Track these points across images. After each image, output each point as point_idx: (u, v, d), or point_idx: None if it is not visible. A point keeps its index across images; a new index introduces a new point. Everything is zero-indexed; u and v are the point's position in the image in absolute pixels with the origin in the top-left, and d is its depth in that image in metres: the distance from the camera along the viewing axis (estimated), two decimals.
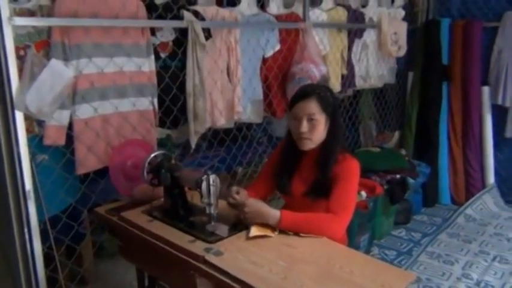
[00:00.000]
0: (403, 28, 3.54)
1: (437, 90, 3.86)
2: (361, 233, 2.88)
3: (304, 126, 1.65)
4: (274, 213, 1.56)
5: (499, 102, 3.67)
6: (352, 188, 1.67)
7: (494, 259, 2.88)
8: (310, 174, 1.72)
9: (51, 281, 1.89)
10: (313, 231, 1.55)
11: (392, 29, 3.40)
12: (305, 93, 1.69)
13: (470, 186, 3.87)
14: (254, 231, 1.53)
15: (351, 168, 1.68)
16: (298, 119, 1.67)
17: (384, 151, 3.61)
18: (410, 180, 3.28)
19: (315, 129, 1.66)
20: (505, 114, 3.71)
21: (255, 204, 1.58)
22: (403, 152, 3.87)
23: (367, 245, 3.00)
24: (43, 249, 1.78)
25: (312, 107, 1.65)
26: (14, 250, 1.72)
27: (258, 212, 1.57)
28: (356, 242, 2.81)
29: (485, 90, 3.75)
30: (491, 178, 3.85)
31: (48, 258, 1.85)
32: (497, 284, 2.59)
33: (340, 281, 1.28)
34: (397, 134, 4.18)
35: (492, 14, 3.70)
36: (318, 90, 1.69)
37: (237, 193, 1.67)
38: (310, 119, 1.65)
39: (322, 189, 1.67)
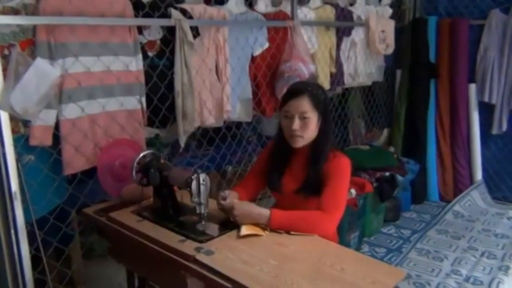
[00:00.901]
0: (390, 26, 3.57)
1: (425, 88, 3.89)
2: (351, 231, 2.89)
3: (297, 123, 1.65)
4: (264, 213, 1.55)
5: (486, 99, 3.70)
6: (343, 186, 1.67)
7: (482, 255, 2.91)
8: (301, 172, 1.72)
9: (39, 283, 1.87)
10: (304, 229, 1.55)
11: (380, 27, 3.41)
12: (297, 90, 1.68)
13: (458, 183, 3.91)
14: (245, 230, 1.52)
15: (342, 166, 1.68)
16: (290, 116, 1.66)
17: (373, 149, 3.63)
18: (399, 178, 3.30)
19: (307, 127, 1.66)
20: (492, 111, 3.75)
21: (244, 206, 1.58)
22: (392, 149, 3.89)
23: (357, 243, 3.01)
24: (30, 251, 1.75)
25: (304, 104, 1.64)
26: (1, 252, 1.69)
27: (247, 214, 1.56)
28: (346, 239, 2.82)
29: (472, 87, 3.79)
30: (478, 175, 3.89)
31: (35, 260, 1.82)
32: (485, 279, 2.61)
33: (331, 279, 1.28)
34: (385, 132, 4.20)
35: (478, 12, 3.74)
36: (310, 88, 1.69)
37: (224, 199, 1.65)
38: (303, 117, 1.65)
39: (313, 187, 1.67)
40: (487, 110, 3.79)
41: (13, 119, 1.69)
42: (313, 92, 1.67)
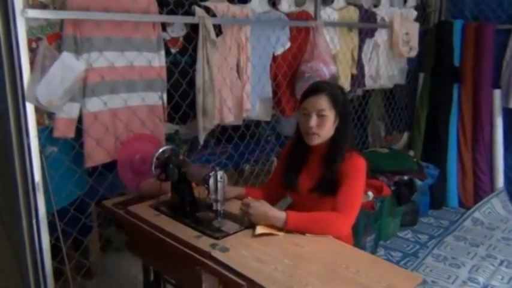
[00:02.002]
0: (415, 29, 3.52)
1: (447, 92, 3.83)
2: (367, 234, 2.87)
3: (313, 121, 1.66)
4: (279, 215, 1.54)
5: (510, 105, 3.63)
6: (358, 186, 1.67)
7: (501, 263, 2.86)
8: (317, 171, 1.72)
9: (58, 272, 1.91)
10: (319, 231, 1.54)
11: (404, 29, 3.38)
12: (316, 88, 1.71)
13: (478, 189, 3.84)
14: (260, 229, 1.53)
15: (357, 167, 1.68)
16: (308, 113, 1.68)
17: (392, 152, 3.59)
18: (418, 182, 3.26)
19: (324, 125, 1.67)
20: None
21: (260, 207, 1.56)
22: (412, 153, 3.84)
23: (372, 246, 2.98)
24: (50, 241, 1.79)
25: (322, 103, 1.66)
26: (22, 241, 1.74)
27: (263, 215, 1.55)
28: (362, 242, 2.80)
29: (497, 93, 3.72)
30: (500, 182, 3.82)
31: (55, 250, 1.86)
32: None
33: (345, 281, 1.28)
34: (405, 135, 4.16)
35: (506, 16, 3.67)
36: (330, 87, 1.71)
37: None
38: (320, 115, 1.66)
39: (328, 187, 1.67)
40: (510, 116, 3.72)
41: (38, 110, 1.72)
42: (332, 92, 1.69)
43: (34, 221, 1.72)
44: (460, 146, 3.87)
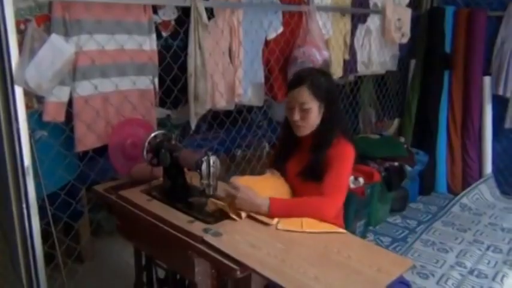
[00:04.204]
0: (407, 15, 3.51)
1: (438, 78, 3.85)
2: (357, 219, 2.89)
3: (297, 114, 1.66)
4: (264, 203, 1.52)
5: (500, 92, 3.65)
6: (344, 171, 1.67)
7: (488, 248, 2.91)
8: (306, 157, 1.73)
9: (49, 257, 1.90)
10: (304, 215, 1.54)
11: (396, 15, 3.36)
12: (296, 81, 1.69)
13: (467, 175, 3.88)
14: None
15: (344, 152, 1.68)
16: (291, 107, 1.68)
17: (383, 138, 3.61)
18: (408, 168, 3.29)
19: (308, 117, 1.67)
20: (506, 105, 3.70)
21: (247, 192, 1.53)
22: (402, 139, 3.87)
23: (362, 231, 3.02)
24: (41, 226, 1.78)
25: (303, 95, 1.65)
26: (13, 226, 1.72)
27: (249, 201, 1.52)
28: (352, 227, 2.83)
29: (487, 80, 3.74)
30: (488, 168, 3.86)
31: (45, 235, 1.85)
32: (490, 272, 2.61)
33: (337, 265, 1.29)
34: (396, 122, 4.17)
35: (497, 3, 3.67)
36: (310, 77, 1.68)
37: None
38: (302, 108, 1.66)
39: (313, 172, 1.67)
40: (500, 104, 3.74)
41: (27, 94, 1.69)
42: (314, 82, 1.66)
43: (24, 206, 1.70)
44: (450, 132, 3.90)
